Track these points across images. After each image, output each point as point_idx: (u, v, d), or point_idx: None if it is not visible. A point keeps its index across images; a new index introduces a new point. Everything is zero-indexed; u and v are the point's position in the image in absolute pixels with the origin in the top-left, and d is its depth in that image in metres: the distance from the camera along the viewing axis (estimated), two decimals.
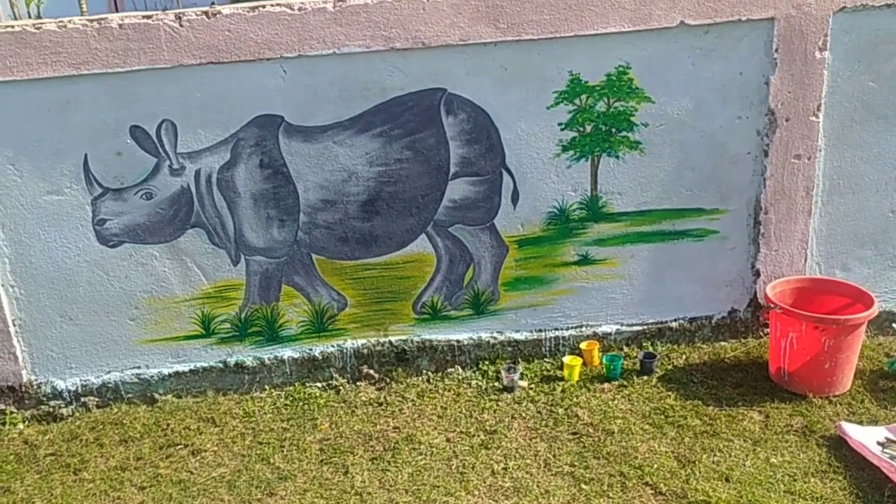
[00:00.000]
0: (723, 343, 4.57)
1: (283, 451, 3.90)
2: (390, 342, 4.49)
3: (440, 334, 4.51)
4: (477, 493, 3.48)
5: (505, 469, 3.62)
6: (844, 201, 4.36)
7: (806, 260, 4.44)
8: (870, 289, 4.40)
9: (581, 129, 4.15)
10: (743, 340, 4.56)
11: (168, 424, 4.20)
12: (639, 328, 4.57)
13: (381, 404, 4.25)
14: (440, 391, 4.34)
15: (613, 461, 3.61)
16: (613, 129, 4.16)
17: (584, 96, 4.09)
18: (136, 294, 4.29)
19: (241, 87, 3.95)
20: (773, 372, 4.12)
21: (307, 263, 4.32)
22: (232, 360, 4.45)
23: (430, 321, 4.49)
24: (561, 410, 4.03)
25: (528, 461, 3.66)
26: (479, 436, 3.88)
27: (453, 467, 3.66)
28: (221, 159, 4.07)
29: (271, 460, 3.84)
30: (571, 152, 4.19)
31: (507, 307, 4.49)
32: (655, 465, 3.55)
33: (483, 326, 4.53)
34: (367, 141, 4.09)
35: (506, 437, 3.85)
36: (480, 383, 4.39)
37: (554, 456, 3.68)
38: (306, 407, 4.29)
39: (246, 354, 4.47)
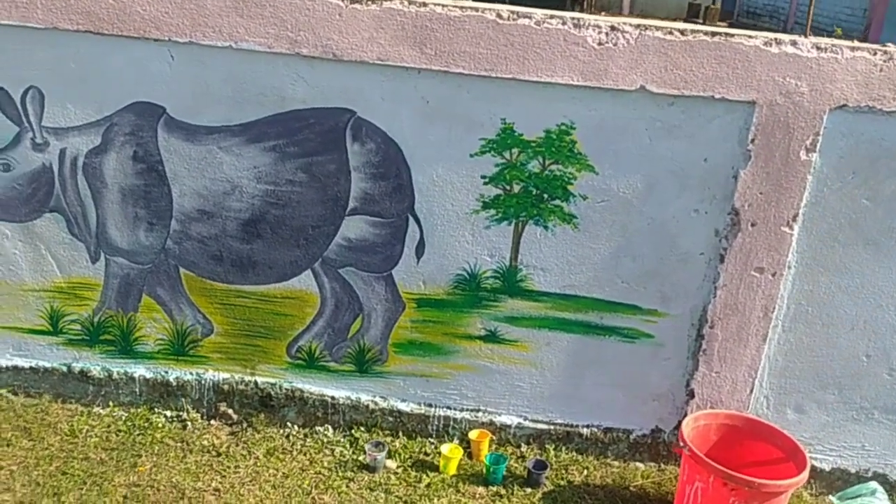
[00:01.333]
0: (638, 465, 3.92)
1: (82, 490, 3.40)
2: (256, 383, 3.96)
3: (314, 386, 3.97)
4: None
5: None
6: (811, 332, 3.68)
7: (752, 391, 3.77)
8: (824, 440, 3.76)
9: (508, 187, 3.56)
10: (662, 467, 3.91)
11: None
12: (544, 426, 3.95)
13: (219, 454, 3.72)
14: (294, 453, 3.79)
15: None
16: (546, 195, 3.56)
17: (515, 150, 3.49)
18: None
19: (121, 65, 3.45)
20: None
21: (173, 277, 3.82)
22: (77, 366, 3.97)
23: (304, 369, 3.95)
24: None
25: None
26: None
27: None
28: (91, 143, 3.59)
29: (64, 499, 3.34)
30: (493, 212, 3.60)
31: (396, 371, 3.92)
32: None
33: (364, 387, 3.97)
34: (258, 153, 3.57)
35: None
36: (345, 452, 3.83)
37: None
38: (140, 438, 3.78)
39: (94, 363, 3.99)
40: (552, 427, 3.94)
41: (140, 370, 3.98)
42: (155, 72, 3.46)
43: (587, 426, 3.94)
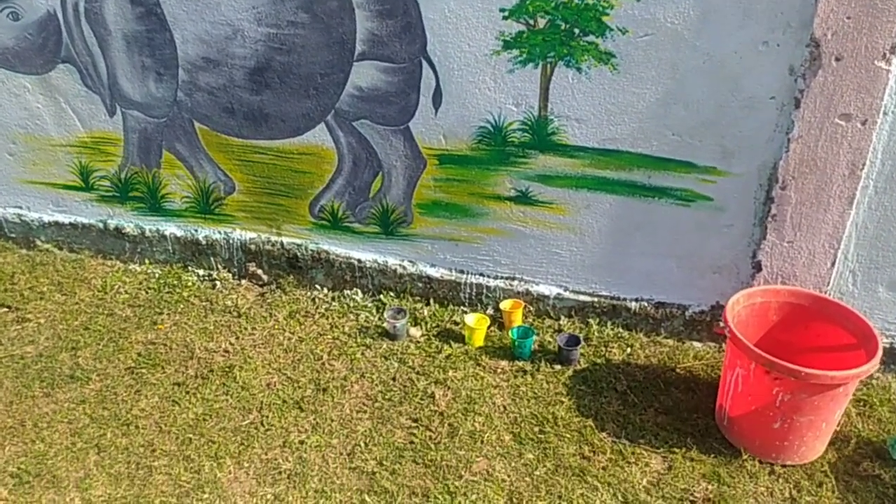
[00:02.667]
0: (694, 344, 3.47)
1: (100, 345, 3.43)
2: (282, 243, 3.80)
3: (339, 247, 3.76)
4: (246, 465, 2.84)
5: (300, 444, 2.92)
6: None
7: (834, 264, 3.16)
8: None
9: (531, 21, 3.02)
10: (721, 348, 3.44)
11: (20, 280, 3.85)
12: (587, 298, 3.55)
13: (240, 315, 3.64)
14: (316, 316, 3.64)
15: (430, 475, 2.81)
16: (577, 30, 2.99)
17: None
18: (12, 127, 3.86)
19: None
20: (716, 407, 3.04)
21: (189, 131, 3.64)
22: (112, 223, 3.98)
23: (329, 229, 3.73)
24: (423, 383, 3.22)
25: (333, 443, 2.93)
26: (305, 390, 3.19)
27: (244, 424, 3.01)
28: None
29: (81, 353, 3.38)
30: (516, 52, 3.09)
31: (422, 234, 3.62)
32: (474, 497, 2.73)
33: (391, 250, 3.71)
34: None
35: (331, 401, 3.13)
36: (370, 317, 3.64)
37: (366, 445, 2.92)
38: (168, 296, 3.77)
39: (127, 220, 3.97)
40: (596, 299, 3.54)
41: (171, 228, 3.93)
42: None
43: (636, 300, 3.50)
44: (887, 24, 2.67)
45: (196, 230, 3.90)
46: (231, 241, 3.86)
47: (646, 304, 3.49)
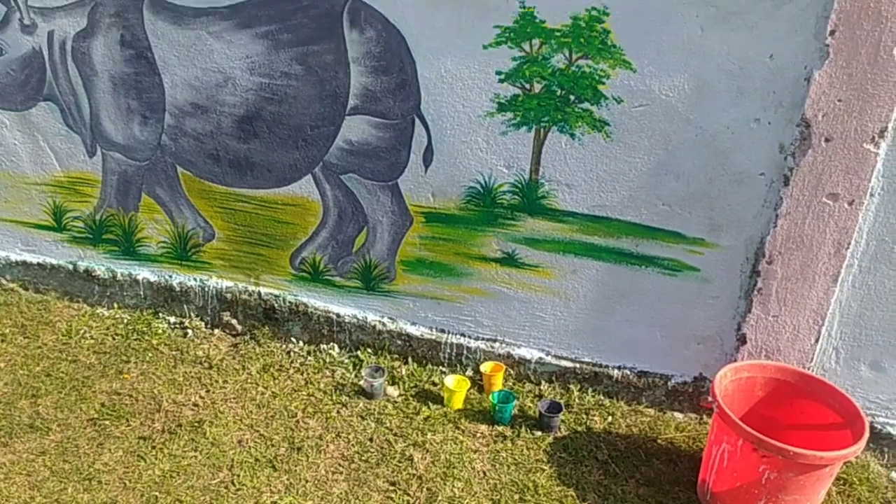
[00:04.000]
0: (675, 415, 3.45)
1: (62, 394, 3.30)
2: (259, 293, 3.73)
3: (318, 300, 3.70)
4: None
5: None
6: (895, 275, 3.04)
7: (818, 340, 3.19)
8: None
9: (527, 86, 3.05)
10: (703, 420, 3.42)
11: None
12: (569, 364, 3.52)
13: (211, 366, 3.54)
14: (291, 371, 3.56)
15: None
16: (572, 97, 3.03)
17: (536, 41, 2.96)
18: None
19: None
20: (699, 482, 3.01)
21: (171, 176, 3.58)
22: (82, 265, 3.87)
23: (309, 281, 3.67)
24: (400, 445, 3.15)
25: None
26: (278, 448, 3.09)
27: (214, 483, 2.89)
28: (77, 24, 3.34)
29: (41, 401, 3.25)
30: (510, 115, 3.11)
31: (405, 291, 3.58)
32: None
33: (371, 306, 3.66)
34: (249, 41, 3.21)
35: (306, 461, 3.03)
36: (347, 374, 3.56)
37: None
38: (136, 344, 3.65)
39: (98, 262, 3.87)
40: (577, 365, 3.51)
41: (144, 272, 3.83)
42: None
43: (618, 367, 3.48)
44: (877, 109, 2.74)
45: (170, 276, 3.80)
46: (206, 289, 3.77)
47: (628, 373, 3.47)
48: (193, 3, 3.20)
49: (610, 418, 3.40)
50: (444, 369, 3.64)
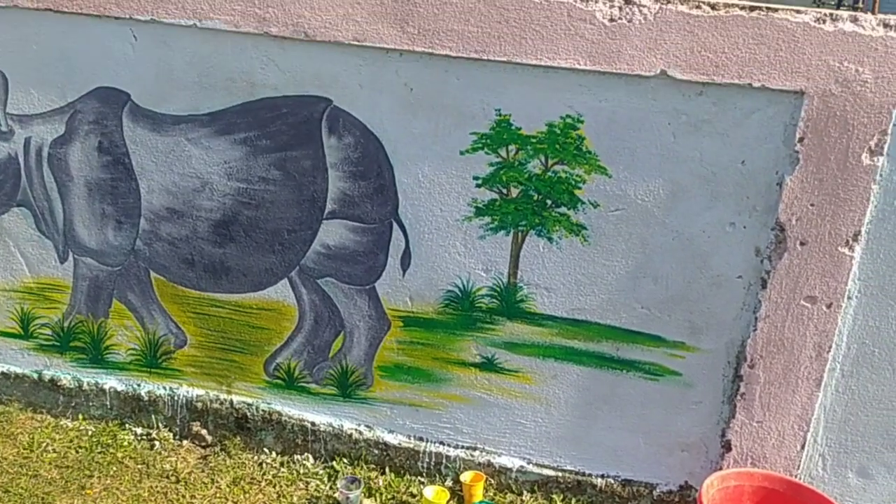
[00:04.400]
0: None
1: None
2: (231, 402, 3.60)
3: (293, 408, 3.58)
4: None
5: None
6: (877, 378, 3.01)
7: (804, 447, 3.12)
8: None
9: (505, 191, 3.08)
10: None
11: None
12: (551, 473, 3.41)
13: (178, 480, 3.38)
14: (263, 484, 3.41)
15: None
16: (549, 202, 3.05)
17: (513, 147, 3.00)
18: None
19: (83, 47, 3.19)
20: None
21: (144, 281, 3.52)
22: (48, 374, 3.73)
23: (283, 389, 3.57)
24: None
25: None
26: None
27: None
28: (55, 131, 3.34)
29: None
30: (488, 219, 3.12)
31: (382, 398, 3.48)
32: None
33: (348, 413, 3.54)
34: (228, 147, 3.23)
35: None
36: (321, 486, 3.42)
37: None
38: (100, 457, 3.49)
39: (64, 371, 3.74)
40: (560, 474, 3.40)
41: (111, 381, 3.71)
42: (118, 54, 3.18)
43: (601, 476, 3.37)
44: (849, 213, 2.78)
45: (139, 384, 3.68)
46: (176, 398, 3.64)
47: (612, 482, 3.36)
48: (173, 111, 3.22)
49: None
50: (422, 479, 3.50)
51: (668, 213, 2.96)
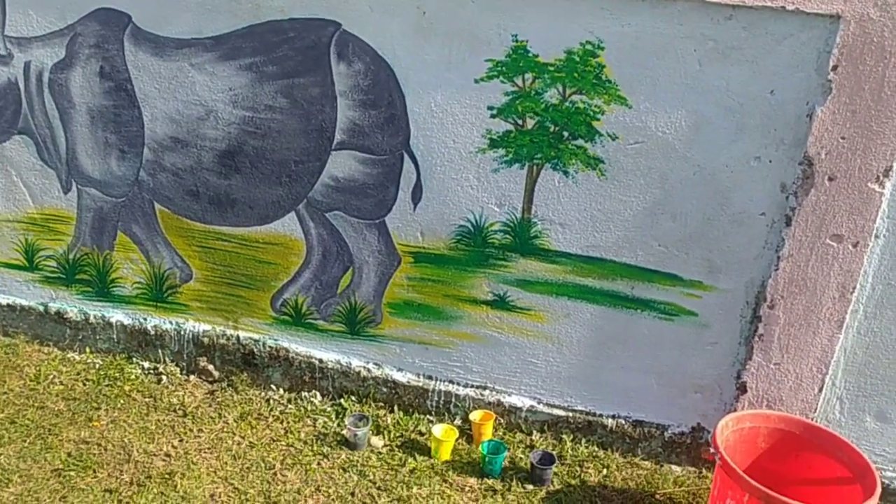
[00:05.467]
0: (673, 468, 3.25)
1: (26, 443, 3.08)
2: (238, 338, 3.54)
3: (300, 345, 3.51)
4: None
5: None
6: None
7: (822, 390, 3.03)
8: None
9: (520, 121, 2.94)
10: (702, 473, 3.23)
11: None
12: (561, 413, 3.34)
13: (185, 414, 3.33)
14: (270, 419, 3.35)
15: None
16: (566, 133, 2.91)
17: (529, 76, 2.86)
18: None
19: None
20: None
21: (148, 213, 3.42)
22: (54, 307, 3.68)
23: (290, 325, 3.49)
24: (384, 500, 2.93)
25: None
26: (253, 503, 2.88)
27: None
28: (55, 55, 3.22)
29: (3, 450, 3.02)
30: (502, 151, 2.99)
31: (391, 336, 3.41)
32: None
33: (356, 351, 3.47)
34: (233, 73, 3.09)
35: None
36: (329, 423, 3.36)
37: None
38: (107, 390, 3.44)
39: (70, 304, 3.68)
40: (570, 414, 3.33)
41: (118, 315, 3.64)
42: None
43: (612, 416, 3.30)
44: (881, 147, 2.64)
45: (145, 319, 3.61)
46: (182, 333, 3.58)
47: (623, 422, 3.29)
48: (176, 34, 3.09)
49: (605, 471, 3.20)
50: (431, 418, 3.44)
51: (689, 147, 2.82)
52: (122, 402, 3.39)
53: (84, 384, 3.48)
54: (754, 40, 2.64)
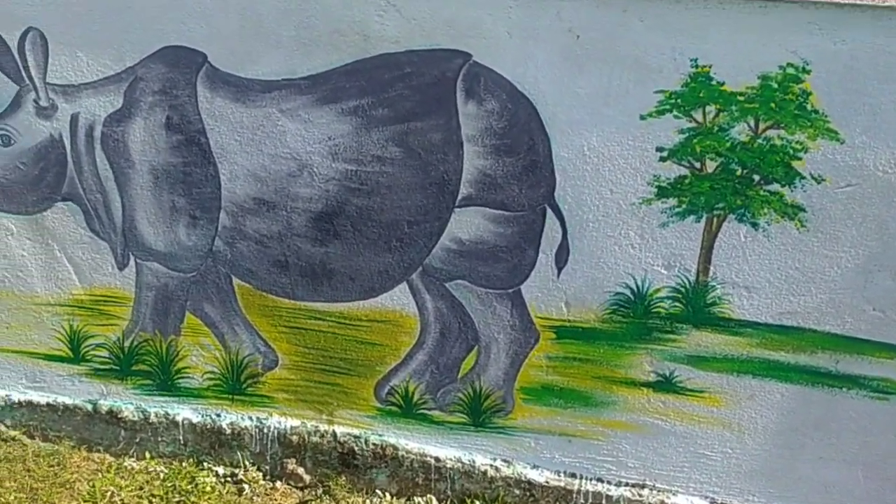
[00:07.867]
0: None
1: None
2: (334, 434, 3.20)
3: (411, 441, 3.17)
4: None
5: None
6: None
7: None
8: None
9: (697, 164, 2.59)
10: None
11: None
12: None
13: None
14: None
15: None
16: (757, 177, 2.56)
17: (711, 108, 2.51)
18: None
19: None
20: None
21: (225, 289, 3.09)
22: (105, 405, 3.35)
23: (399, 417, 3.17)
24: None
25: None
26: None
27: None
28: (110, 105, 2.92)
29: None
30: (673, 202, 2.65)
31: (525, 427, 3.06)
32: None
33: (480, 446, 3.12)
34: (333, 119, 2.78)
35: None
36: None
37: None
38: None
39: (126, 400, 3.34)
40: None
41: (185, 412, 3.31)
42: (190, 2, 2.73)
43: None
44: None
45: (219, 415, 3.26)
46: (265, 431, 3.23)
47: None
48: (263, 76, 2.77)
49: None
50: None
51: None
52: None
53: (150, 501, 3.10)
54: None
